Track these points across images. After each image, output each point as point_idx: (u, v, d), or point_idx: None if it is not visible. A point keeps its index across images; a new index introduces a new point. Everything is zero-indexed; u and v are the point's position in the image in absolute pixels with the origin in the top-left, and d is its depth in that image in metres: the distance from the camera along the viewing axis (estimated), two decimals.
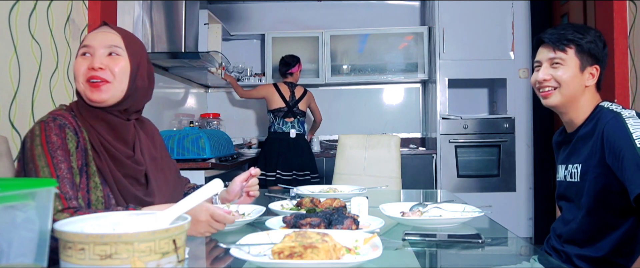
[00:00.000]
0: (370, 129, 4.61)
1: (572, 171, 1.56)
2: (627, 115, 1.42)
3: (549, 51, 1.54)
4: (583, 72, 1.52)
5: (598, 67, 1.53)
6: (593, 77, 1.53)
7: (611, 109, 1.48)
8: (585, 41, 1.51)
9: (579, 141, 1.55)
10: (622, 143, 1.37)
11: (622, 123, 1.40)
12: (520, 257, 1.23)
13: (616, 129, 1.40)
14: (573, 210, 1.56)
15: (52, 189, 0.83)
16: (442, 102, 4.12)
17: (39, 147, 1.19)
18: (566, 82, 1.52)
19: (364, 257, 0.92)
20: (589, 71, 1.52)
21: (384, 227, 1.25)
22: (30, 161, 1.18)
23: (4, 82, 1.94)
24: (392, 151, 3.34)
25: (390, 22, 4.69)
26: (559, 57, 1.52)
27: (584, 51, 1.51)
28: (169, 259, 0.78)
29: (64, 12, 2.35)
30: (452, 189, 3.97)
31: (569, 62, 1.52)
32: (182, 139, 2.87)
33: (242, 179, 1.54)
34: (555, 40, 1.53)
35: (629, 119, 1.41)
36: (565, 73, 1.52)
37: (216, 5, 4.71)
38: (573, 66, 1.52)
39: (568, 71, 1.52)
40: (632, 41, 3.03)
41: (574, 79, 1.51)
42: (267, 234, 1.04)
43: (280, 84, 3.99)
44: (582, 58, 1.52)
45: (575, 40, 1.51)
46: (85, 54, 1.29)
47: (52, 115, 1.25)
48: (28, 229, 0.80)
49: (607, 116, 1.45)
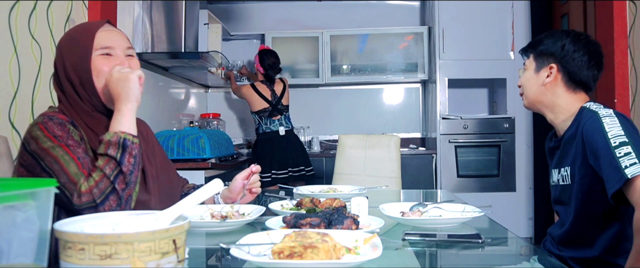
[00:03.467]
0: (370, 129, 4.61)
1: (563, 175, 1.58)
2: (604, 114, 1.45)
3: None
4: (538, 72, 1.61)
5: (554, 64, 1.59)
6: (550, 75, 1.59)
7: (591, 109, 1.51)
8: (540, 44, 1.63)
9: (566, 144, 1.57)
10: (599, 142, 1.40)
11: (599, 122, 1.43)
12: (520, 257, 1.23)
13: (593, 129, 1.43)
14: (566, 212, 1.58)
15: (52, 189, 0.83)
16: (442, 102, 4.12)
17: (49, 142, 1.18)
18: (525, 85, 1.66)
19: (364, 257, 0.92)
20: (545, 70, 1.60)
21: (384, 227, 1.25)
22: (45, 156, 1.17)
23: (4, 82, 1.94)
24: (392, 151, 3.34)
25: (390, 22, 4.69)
26: (524, 62, 1.68)
27: (540, 53, 1.62)
28: (169, 259, 0.78)
29: (64, 12, 2.35)
30: (452, 189, 3.97)
31: (529, 66, 1.65)
32: (182, 139, 2.87)
33: (243, 177, 1.54)
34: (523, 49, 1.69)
35: (605, 118, 1.43)
36: (524, 76, 1.66)
37: (216, 5, 4.71)
38: (531, 68, 1.64)
39: (527, 74, 1.65)
40: (632, 41, 3.03)
41: (529, 80, 1.64)
42: (267, 234, 1.04)
43: (257, 84, 3.81)
44: (537, 60, 1.63)
45: (534, 45, 1.65)
46: (107, 54, 1.29)
47: (45, 116, 1.24)
48: (28, 229, 0.80)
49: (586, 117, 1.49)
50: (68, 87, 1.29)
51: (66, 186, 1.15)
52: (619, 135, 1.37)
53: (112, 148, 1.19)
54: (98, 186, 1.15)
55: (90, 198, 1.14)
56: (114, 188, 1.16)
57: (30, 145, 1.20)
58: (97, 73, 1.28)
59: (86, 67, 1.28)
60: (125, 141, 1.21)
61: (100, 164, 1.18)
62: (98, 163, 1.18)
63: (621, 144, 1.35)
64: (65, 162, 1.16)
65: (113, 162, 1.18)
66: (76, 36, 1.32)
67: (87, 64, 1.28)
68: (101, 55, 1.29)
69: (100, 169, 1.17)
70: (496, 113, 4.37)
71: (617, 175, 1.33)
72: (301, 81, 4.54)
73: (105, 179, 1.16)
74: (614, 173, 1.34)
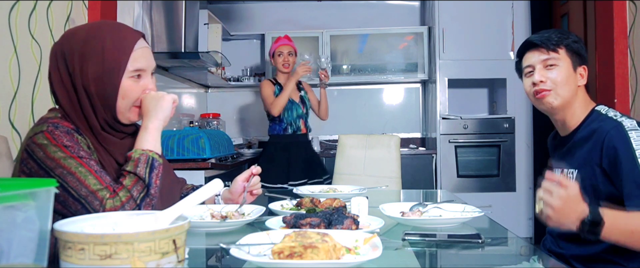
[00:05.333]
0: (370, 129, 4.61)
1: (568, 176, 1.55)
2: (629, 126, 1.42)
3: (541, 54, 1.54)
4: (575, 71, 1.54)
5: (586, 67, 1.56)
6: (583, 78, 1.55)
7: (611, 116, 1.48)
8: (571, 40, 1.54)
9: (575, 146, 1.54)
10: (624, 157, 1.38)
11: (625, 135, 1.40)
12: (520, 257, 1.23)
13: (619, 141, 1.40)
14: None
15: (51, 189, 0.83)
16: (442, 102, 4.12)
17: (59, 152, 1.14)
18: (562, 83, 1.52)
19: (364, 257, 0.92)
20: (579, 71, 1.55)
21: (384, 227, 1.25)
22: (55, 167, 1.13)
23: (4, 82, 1.94)
24: (392, 151, 3.34)
25: (390, 22, 4.69)
26: (552, 57, 1.53)
27: (573, 50, 1.54)
28: (169, 259, 0.78)
29: (64, 12, 2.35)
30: (452, 189, 3.97)
31: (562, 62, 1.52)
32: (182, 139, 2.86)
33: (244, 178, 1.53)
34: (546, 41, 1.53)
35: (631, 132, 1.41)
36: (560, 73, 1.52)
37: (216, 5, 4.71)
38: (566, 65, 1.53)
39: (563, 71, 1.52)
40: (632, 41, 3.03)
41: (569, 78, 1.52)
42: (267, 234, 1.04)
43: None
44: (572, 57, 1.54)
45: (563, 40, 1.54)
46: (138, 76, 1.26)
47: (49, 123, 1.18)
48: (28, 229, 0.80)
49: (608, 125, 1.45)
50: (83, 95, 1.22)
51: (88, 199, 1.13)
52: None
53: (141, 166, 1.18)
54: (124, 208, 1.14)
55: None
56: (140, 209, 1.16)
57: (36, 153, 1.15)
58: (123, 94, 1.23)
59: (114, 84, 1.21)
60: (154, 160, 1.20)
61: (128, 184, 1.16)
62: (126, 183, 1.16)
63: None
64: (81, 175, 1.14)
65: (141, 183, 1.17)
66: (109, 45, 1.21)
67: (117, 80, 1.21)
68: (132, 77, 1.24)
69: (128, 189, 1.15)
70: (496, 113, 4.37)
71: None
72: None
73: (131, 201, 1.15)
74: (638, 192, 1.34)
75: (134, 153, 1.20)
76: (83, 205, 1.13)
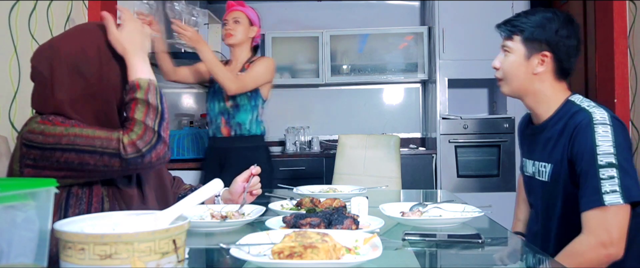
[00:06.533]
0: (370, 129, 4.61)
1: (541, 170, 1.52)
2: (598, 120, 1.36)
3: (503, 39, 1.54)
4: (529, 59, 1.48)
5: (548, 52, 1.47)
6: (543, 64, 1.47)
7: (584, 107, 1.42)
8: (532, 27, 1.47)
9: (547, 139, 1.50)
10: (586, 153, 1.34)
11: (591, 131, 1.35)
12: (520, 256, 1.23)
13: (584, 134, 1.35)
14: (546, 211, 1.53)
15: (51, 189, 0.83)
16: (442, 102, 4.12)
17: (59, 128, 1.13)
18: (509, 72, 1.51)
19: (364, 257, 0.92)
20: (537, 57, 1.47)
21: (384, 227, 1.25)
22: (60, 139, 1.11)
23: (4, 82, 1.94)
24: (392, 151, 3.34)
25: (390, 22, 4.69)
26: (506, 45, 1.52)
27: (530, 36, 1.47)
28: (169, 259, 0.78)
29: (64, 12, 2.35)
30: (452, 189, 3.97)
31: (515, 50, 1.50)
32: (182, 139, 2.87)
33: (243, 178, 1.53)
34: (504, 28, 1.52)
35: (598, 126, 1.35)
36: (510, 63, 1.50)
37: (216, 5, 4.71)
38: (518, 54, 1.49)
39: (512, 60, 1.49)
40: (632, 41, 3.03)
41: (518, 67, 1.49)
42: (267, 234, 1.04)
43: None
44: (527, 44, 1.48)
45: (519, 25, 1.48)
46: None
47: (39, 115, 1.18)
48: (28, 229, 0.80)
49: (579, 117, 1.40)
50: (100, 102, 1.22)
51: (103, 145, 1.10)
52: (608, 153, 1.31)
53: (151, 94, 1.16)
54: (143, 139, 1.12)
55: (135, 149, 1.11)
56: (160, 136, 1.14)
57: (35, 140, 1.13)
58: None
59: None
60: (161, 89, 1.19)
61: (139, 116, 1.14)
62: (137, 116, 1.14)
63: (608, 165, 1.30)
64: (89, 133, 1.12)
65: (153, 110, 1.15)
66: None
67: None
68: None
69: (141, 122, 1.13)
70: (496, 113, 4.37)
71: (595, 196, 1.30)
72: (301, 81, 4.54)
73: (149, 131, 1.13)
74: (593, 194, 1.31)
75: (140, 81, 1.17)
76: (101, 154, 1.11)
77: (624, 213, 1.30)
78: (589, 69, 3.43)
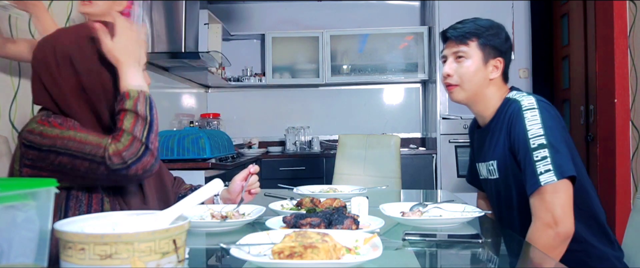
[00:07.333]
0: (370, 129, 4.61)
1: (490, 169, 1.55)
2: (526, 105, 1.41)
3: (453, 46, 1.55)
4: (486, 65, 1.52)
5: (501, 59, 1.53)
6: (497, 70, 1.53)
7: (515, 98, 1.47)
8: (487, 33, 1.52)
9: (490, 136, 1.53)
10: (520, 140, 1.38)
11: (520, 117, 1.40)
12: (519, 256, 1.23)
13: (515, 123, 1.40)
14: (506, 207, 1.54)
15: (52, 189, 0.83)
16: (442, 102, 4.12)
17: (56, 130, 1.14)
18: (468, 78, 1.52)
19: (364, 257, 0.92)
20: (492, 63, 1.53)
21: (384, 227, 1.25)
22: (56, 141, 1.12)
23: (4, 82, 1.94)
24: (392, 151, 3.34)
25: (390, 22, 4.69)
26: (461, 50, 1.52)
27: (486, 43, 1.51)
28: (169, 259, 0.78)
29: (64, 12, 2.34)
30: (452, 189, 3.97)
31: (471, 55, 1.52)
32: (182, 139, 2.86)
33: (242, 177, 1.53)
34: (457, 34, 1.54)
35: (526, 112, 1.40)
36: (468, 68, 1.52)
37: (216, 5, 4.71)
38: (476, 59, 1.52)
39: (470, 65, 1.51)
40: (632, 41, 3.03)
41: (477, 73, 1.52)
42: (267, 234, 1.04)
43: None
44: (484, 51, 1.52)
45: (476, 32, 1.52)
46: None
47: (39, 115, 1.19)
48: (28, 229, 0.80)
49: (510, 109, 1.45)
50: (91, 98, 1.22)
51: (92, 152, 1.10)
52: (538, 135, 1.35)
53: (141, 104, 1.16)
54: (129, 149, 1.11)
55: (120, 160, 1.10)
56: (147, 148, 1.14)
57: (34, 141, 1.14)
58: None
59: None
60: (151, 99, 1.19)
61: (127, 126, 1.13)
62: (125, 126, 1.13)
63: (539, 146, 1.34)
64: (82, 137, 1.12)
65: (142, 121, 1.15)
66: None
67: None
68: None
69: (129, 132, 1.13)
70: None
71: (533, 180, 1.33)
72: (301, 81, 4.55)
73: (136, 141, 1.12)
74: (531, 177, 1.34)
75: (130, 91, 1.17)
76: (90, 161, 1.11)
77: (563, 190, 1.32)
78: (589, 69, 3.43)
